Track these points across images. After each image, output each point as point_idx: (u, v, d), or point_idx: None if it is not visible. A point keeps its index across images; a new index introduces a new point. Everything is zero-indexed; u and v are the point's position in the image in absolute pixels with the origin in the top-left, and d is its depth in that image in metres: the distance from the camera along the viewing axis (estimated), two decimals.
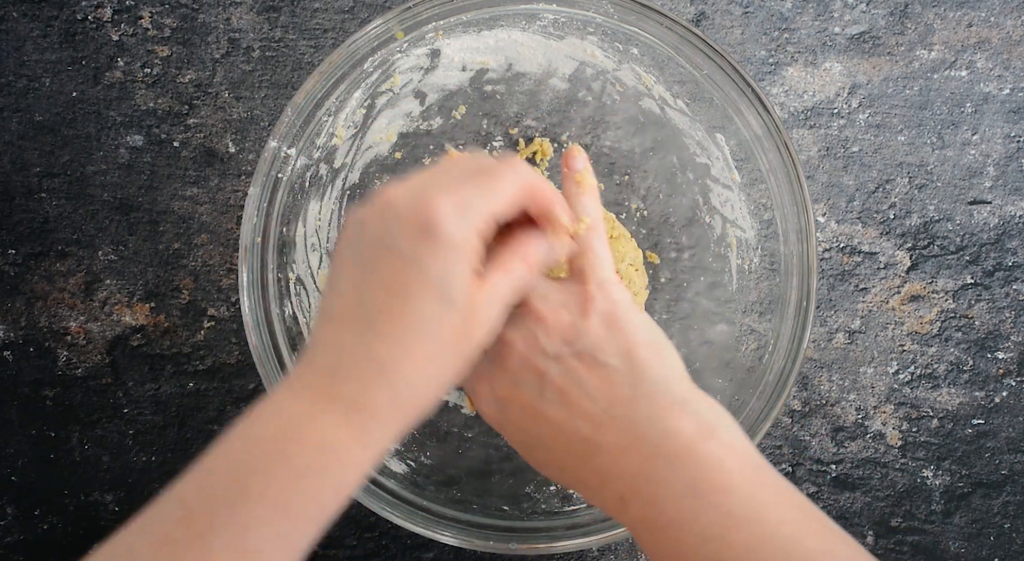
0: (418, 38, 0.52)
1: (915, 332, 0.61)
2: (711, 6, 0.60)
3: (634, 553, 0.61)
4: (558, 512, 0.54)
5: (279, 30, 0.60)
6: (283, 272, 0.53)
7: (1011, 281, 0.61)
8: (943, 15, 0.61)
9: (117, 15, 0.60)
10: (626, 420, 0.36)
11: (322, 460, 0.32)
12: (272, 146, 0.51)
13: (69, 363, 0.60)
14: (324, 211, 0.56)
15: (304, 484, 0.32)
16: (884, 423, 0.61)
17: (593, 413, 0.37)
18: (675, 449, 0.35)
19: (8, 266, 0.60)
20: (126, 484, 0.60)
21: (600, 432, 0.37)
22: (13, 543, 0.60)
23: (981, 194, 0.61)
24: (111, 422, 0.60)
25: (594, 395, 0.37)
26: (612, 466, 0.36)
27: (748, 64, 0.60)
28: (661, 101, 0.56)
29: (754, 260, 0.56)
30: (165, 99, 0.60)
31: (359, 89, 0.53)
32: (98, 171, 0.60)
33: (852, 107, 0.60)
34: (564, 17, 0.53)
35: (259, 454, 0.32)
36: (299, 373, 0.35)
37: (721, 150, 0.55)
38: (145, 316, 0.60)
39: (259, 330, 0.51)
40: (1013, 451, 0.60)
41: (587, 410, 0.37)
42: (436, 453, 0.57)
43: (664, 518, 0.34)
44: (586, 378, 0.37)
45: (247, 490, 0.31)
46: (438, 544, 0.59)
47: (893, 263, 0.61)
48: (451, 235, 0.34)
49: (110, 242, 0.60)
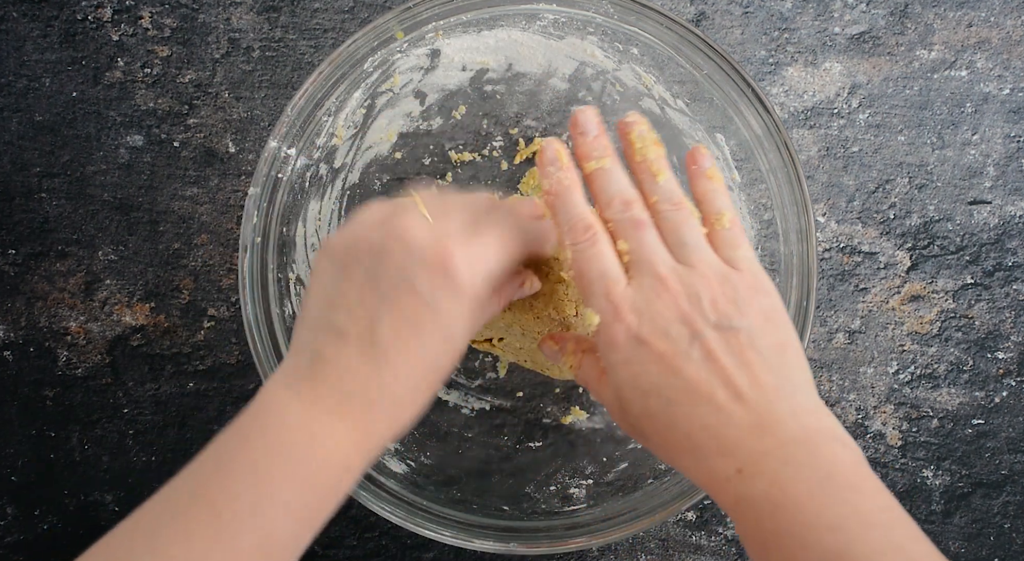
0: (418, 38, 0.52)
1: (915, 332, 0.61)
2: (711, 6, 0.60)
3: (634, 553, 0.61)
4: (558, 512, 0.54)
5: (279, 30, 0.60)
6: (283, 272, 0.53)
7: (1011, 281, 0.61)
8: (943, 15, 0.61)
9: (117, 15, 0.60)
10: (766, 403, 0.38)
11: (333, 471, 0.37)
12: (272, 146, 0.51)
13: (69, 363, 0.60)
14: (324, 211, 0.56)
15: (309, 483, 0.36)
16: (884, 423, 0.61)
17: (737, 385, 0.38)
18: (815, 442, 0.36)
19: (8, 266, 0.60)
20: (126, 484, 0.60)
21: (737, 404, 0.38)
22: (13, 543, 0.60)
23: (981, 194, 0.61)
24: (111, 422, 0.60)
25: (743, 371, 0.38)
26: (740, 440, 0.37)
27: (748, 64, 0.60)
28: (661, 101, 0.56)
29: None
30: (165, 99, 0.60)
31: (359, 89, 0.53)
32: (98, 171, 0.60)
33: (852, 107, 0.60)
34: (564, 17, 0.53)
35: (279, 462, 0.36)
36: (309, 385, 0.38)
37: (721, 150, 0.55)
38: (145, 316, 0.60)
39: (259, 330, 0.51)
40: (1013, 451, 0.60)
41: (732, 380, 0.38)
42: (436, 453, 0.57)
43: (791, 500, 0.35)
44: (739, 354, 0.39)
45: (261, 487, 0.35)
46: (438, 544, 0.59)
47: (893, 263, 0.61)
48: (466, 287, 0.38)
49: (110, 242, 0.60)
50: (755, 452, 0.36)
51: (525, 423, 0.59)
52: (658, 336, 0.39)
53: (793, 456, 0.36)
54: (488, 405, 0.59)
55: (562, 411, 0.59)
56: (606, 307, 0.40)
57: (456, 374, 0.59)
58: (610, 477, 0.56)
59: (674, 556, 0.61)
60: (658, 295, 0.40)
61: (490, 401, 0.59)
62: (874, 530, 0.34)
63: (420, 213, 0.40)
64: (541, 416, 0.59)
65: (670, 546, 0.61)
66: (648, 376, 0.39)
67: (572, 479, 0.57)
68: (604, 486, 0.56)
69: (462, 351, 0.41)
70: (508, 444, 0.58)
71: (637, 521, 0.51)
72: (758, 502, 0.36)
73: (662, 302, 0.39)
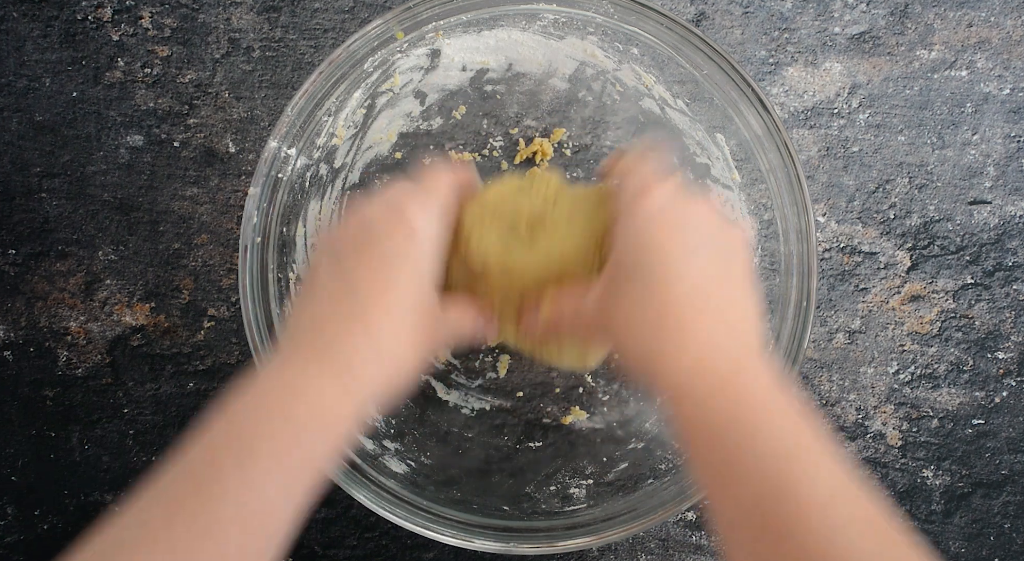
0: (418, 38, 0.52)
1: (915, 332, 0.61)
2: (711, 6, 0.60)
3: (634, 553, 0.61)
4: (558, 512, 0.54)
5: (279, 30, 0.60)
6: (283, 272, 0.53)
7: (1011, 281, 0.61)
8: (943, 15, 0.61)
9: (117, 15, 0.60)
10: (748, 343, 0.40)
11: (319, 415, 0.37)
12: (272, 146, 0.51)
13: (69, 363, 0.60)
14: (324, 211, 0.56)
15: (304, 437, 0.36)
16: (884, 423, 0.61)
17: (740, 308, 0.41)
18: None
19: (8, 266, 0.60)
20: (126, 484, 0.60)
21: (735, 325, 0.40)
22: (13, 543, 0.60)
23: (981, 194, 0.61)
24: (111, 422, 0.60)
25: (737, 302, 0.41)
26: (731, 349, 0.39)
27: (748, 64, 0.60)
28: (661, 101, 0.56)
29: (754, 260, 0.56)
30: (165, 99, 0.60)
31: (359, 89, 0.53)
32: (98, 171, 0.60)
33: (852, 107, 0.60)
34: (564, 17, 0.53)
35: (263, 415, 0.36)
36: (287, 343, 0.40)
37: (721, 150, 0.55)
38: (145, 316, 0.60)
39: (259, 330, 0.51)
40: (1013, 451, 0.60)
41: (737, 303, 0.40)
42: (436, 453, 0.57)
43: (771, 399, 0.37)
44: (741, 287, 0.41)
45: (253, 449, 0.35)
46: (438, 544, 0.59)
47: (893, 263, 0.61)
48: (424, 231, 0.42)
49: (110, 242, 0.60)
50: (726, 336, 0.38)
51: (525, 423, 0.59)
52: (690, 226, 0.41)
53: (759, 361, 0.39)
54: (488, 405, 0.59)
55: (562, 411, 0.59)
56: (639, 184, 0.42)
57: (456, 374, 0.59)
58: (610, 477, 0.56)
59: (674, 556, 0.61)
60: (694, 202, 0.42)
61: (490, 401, 0.59)
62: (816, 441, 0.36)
63: (382, 195, 0.44)
64: (541, 416, 0.59)
65: (670, 546, 0.61)
66: (679, 232, 0.40)
67: (572, 479, 0.57)
68: (604, 486, 0.56)
69: (433, 296, 0.43)
70: (508, 444, 0.58)
71: (637, 521, 0.51)
72: (721, 379, 0.37)
73: (696, 207, 0.41)
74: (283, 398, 0.37)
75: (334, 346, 0.39)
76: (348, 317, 0.39)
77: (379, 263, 0.41)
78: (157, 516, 0.34)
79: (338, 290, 0.40)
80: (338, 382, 0.38)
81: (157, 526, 0.33)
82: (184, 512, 0.33)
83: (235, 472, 0.34)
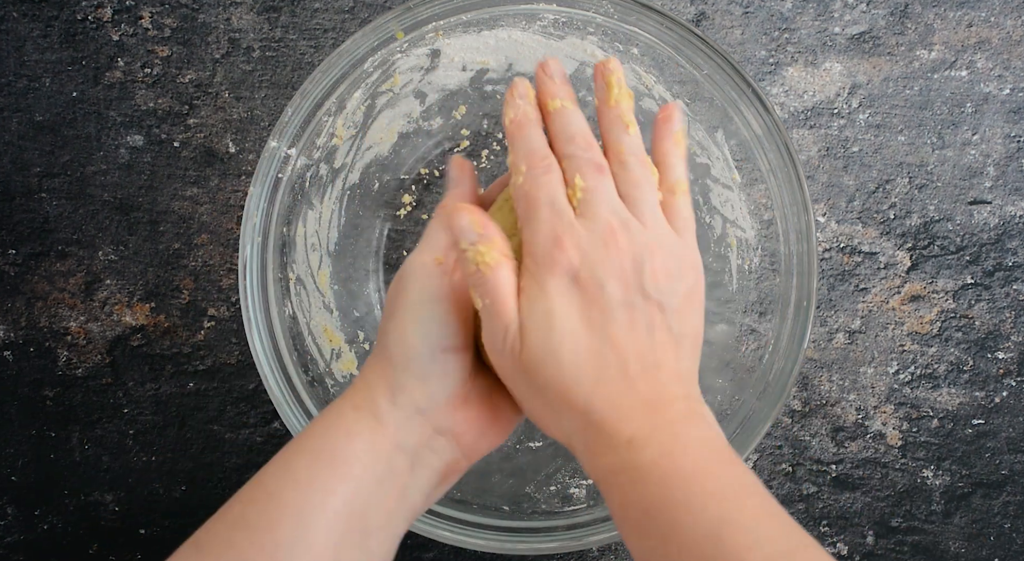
0: (418, 38, 0.52)
1: (915, 332, 0.61)
2: (711, 6, 0.60)
3: None
4: (558, 512, 0.54)
5: (279, 30, 0.60)
6: (283, 272, 0.53)
7: (1011, 281, 0.61)
8: (943, 15, 0.61)
9: (117, 15, 0.60)
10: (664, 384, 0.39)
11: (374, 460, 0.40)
12: (272, 146, 0.51)
13: (69, 363, 0.60)
14: (324, 211, 0.56)
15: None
16: (884, 423, 0.61)
17: (647, 361, 0.39)
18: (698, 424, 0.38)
19: (8, 266, 0.60)
20: (126, 484, 0.60)
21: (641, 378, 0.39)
22: (13, 543, 0.60)
23: (981, 194, 0.61)
24: (111, 422, 0.60)
25: (656, 349, 0.39)
26: (634, 411, 0.38)
27: (748, 64, 0.60)
28: (661, 101, 0.56)
29: (754, 260, 0.56)
30: (165, 99, 0.60)
31: (359, 89, 0.53)
32: (98, 171, 0.60)
33: (852, 107, 0.61)
34: (564, 17, 0.53)
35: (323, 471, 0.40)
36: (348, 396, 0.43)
37: (721, 150, 0.55)
38: (145, 316, 0.60)
39: (259, 330, 0.51)
40: (1013, 451, 0.60)
41: (644, 355, 0.39)
42: None
43: (679, 471, 0.36)
44: (658, 331, 0.40)
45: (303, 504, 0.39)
46: (438, 544, 0.59)
47: (893, 263, 0.61)
48: (416, 265, 0.43)
49: (110, 242, 0.60)
50: (646, 425, 0.37)
51: (525, 423, 0.59)
52: (594, 285, 0.38)
53: (682, 432, 0.37)
54: None
55: None
56: (547, 234, 0.39)
57: None
58: None
59: None
60: (606, 245, 0.39)
61: None
62: (752, 498, 0.35)
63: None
64: None
65: None
66: (567, 318, 0.38)
67: (572, 479, 0.57)
68: None
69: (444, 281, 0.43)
70: (508, 444, 0.58)
71: None
72: (645, 470, 0.36)
73: (608, 254, 0.39)
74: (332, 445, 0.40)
75: (371, 386, 0.41)
76: (378, 354, 0.42)
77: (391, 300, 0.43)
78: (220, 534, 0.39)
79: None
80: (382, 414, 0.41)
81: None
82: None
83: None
